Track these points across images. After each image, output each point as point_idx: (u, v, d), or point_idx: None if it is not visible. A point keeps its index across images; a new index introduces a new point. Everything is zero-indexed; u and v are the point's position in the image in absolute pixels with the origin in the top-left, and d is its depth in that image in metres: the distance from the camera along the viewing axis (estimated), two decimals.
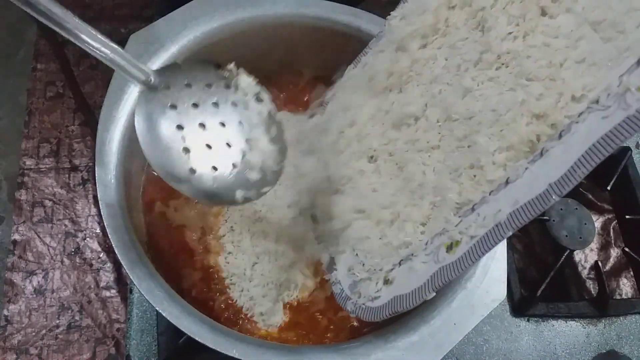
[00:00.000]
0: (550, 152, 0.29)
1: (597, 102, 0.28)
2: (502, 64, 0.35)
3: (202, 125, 0.35)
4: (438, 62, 0.39)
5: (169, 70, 0.35)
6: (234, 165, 0.35)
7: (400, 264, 0.37)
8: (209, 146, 0.35)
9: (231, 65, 0.37)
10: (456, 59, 0.38)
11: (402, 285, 0.35)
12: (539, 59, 0.32)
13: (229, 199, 0.35)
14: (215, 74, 0.36)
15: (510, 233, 0.30)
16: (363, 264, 0.39)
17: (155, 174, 0.54)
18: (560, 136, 0.29)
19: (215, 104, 0.36)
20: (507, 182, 0.32)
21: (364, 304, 0.37)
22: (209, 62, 0.37)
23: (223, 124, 0.36)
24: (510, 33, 0.34)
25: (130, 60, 0.34)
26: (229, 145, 0.36)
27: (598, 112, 0.27)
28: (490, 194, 0.33)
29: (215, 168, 0.35)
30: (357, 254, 0.40)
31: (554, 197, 0.28)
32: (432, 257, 0.34)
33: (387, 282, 0.37)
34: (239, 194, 0.36)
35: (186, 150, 0.34)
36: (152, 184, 0.54)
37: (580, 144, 0.27)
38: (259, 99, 0.38)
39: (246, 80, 0.38)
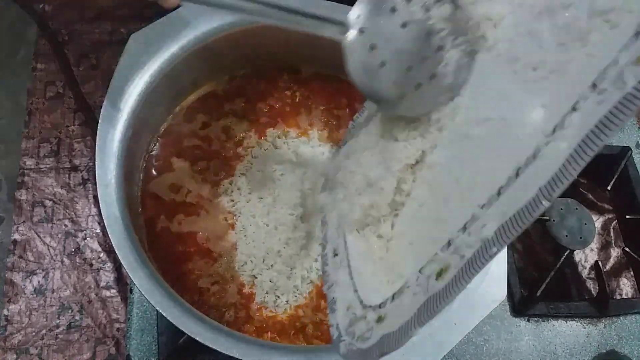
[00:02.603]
0: (544, 153, 0.26)
1: (594, 86, 0.25)
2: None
3: (401, 53, 0.36)
4: None
5: (358, 10, 0.37)
6: (432, 77, 0.36)
7: (393, 298, 0.34)
8: (409, 68, 0.36)
9: None
10: None
11: (392, 322, 0.32)
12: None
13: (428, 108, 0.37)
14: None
15: (498, 251, 0.27)
16: (361, 301, 0.37)
17: (151, 190, 0.54)
18: (554, 131, 0.26)
19: (404, 25, 0.36)
20: (499, 193, 0.28)
21: (354, 346, 0.35)
22: None
23: (417, 42, 0.36)
24: None
25: (321, 18, 0.37)
26: (424, 59, 0.36)
27: (594, 98, 0.25)
28: (482, 208, 0.29)
29: (418, 86, 0.36)
30: (356, 290, 0.38)
31: (543, 202, 0.25)
32: (423, 287, 0.31)
33: (379, 319, 0.34)
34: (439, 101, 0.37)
35: (391, 80, 0.36)
36: (152, 198, 0.54)
37: (573, 136, 0.25)
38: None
39: None
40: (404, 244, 0.37)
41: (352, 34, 0.36)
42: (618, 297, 0.67)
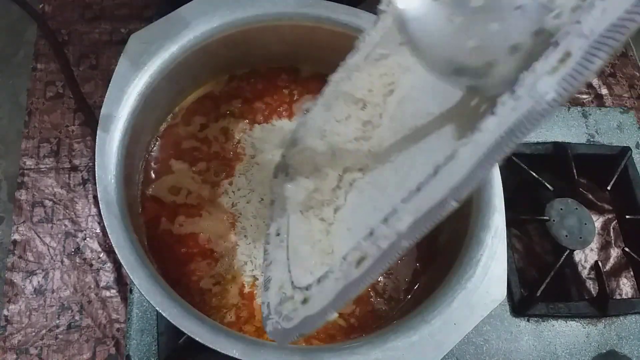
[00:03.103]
0: (459, 153, 0.26)
1: (512, 92, 0.25)
2: None
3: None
4: None
5: None
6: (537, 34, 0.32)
7: (319, 281, 0.34)
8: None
9: None
10: None
11: (314, 305, 0.33)
12: None
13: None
14: None
15: (409, 245, 0.28)
16: (292, 282, 0.37)
17: (151, 193, 0.54)
18: (473, 132, 0.26)
19: None
20: (418, 189, 0.28)
21: (280, 325, 0.36)
22: None
23: None
24: None
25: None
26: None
27: (510, 104, 0.24)
28: (403, 202, 0.29)
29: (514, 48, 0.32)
30: (289, 270, 0.38)
31: (452, 203, 0.26)
32: (344, 273, 0.32)
33: (304, 301, 0.34)
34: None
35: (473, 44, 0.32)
36: (153, 201, 0.54)
37: (487, 140, 0.25)
38: None
39: None
40: (343, 229, 0.38)
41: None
42: (618, 297, 0.67)
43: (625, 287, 0.68)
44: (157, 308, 0.40)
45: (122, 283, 0.64)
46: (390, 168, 0.36)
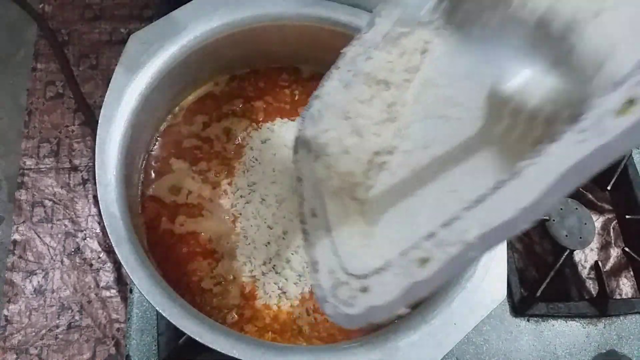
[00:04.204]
0: (524, 173, 0.26)
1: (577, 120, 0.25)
2: None
3: None
4: None
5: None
6: None
7: (377, 272, 0.34)
8: None
9: None
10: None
11: (377, 296, 0.33)
12: None
13: None
14: None
15: (479, 255, 0.27)
16: (342, 267, 0.37)
17: (151, 192, 0.54)
18: (538, 153, 0.26)
19: None
20: (478, 201, 0.28)
21: (340, 309, 0.36)
22: None
23: None
24: None
25: None
26: None
27: (574, 135, 0.24)
28: (464, 210, 0.29)
29: None
30: (337, 255, 0.38)
31: (523, 226, 0.25)
32: (406, 270, 0.31)
33: (364, 289, 0.34)
34: None
35: None
36: (153, 201, 0.54)
37: (555, 166, 0.25)
38: None
39: None
40: (382, 215, 0.37)
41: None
42: (618, 297, 0.67)
43: (625, 287, 0.68)
44: (157, 308, 0.40)
45: (122, 283, 0.64)
46: (423, 154, 0.35)
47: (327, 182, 0.41)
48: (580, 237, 0.64)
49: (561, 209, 0.66)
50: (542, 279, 0.62)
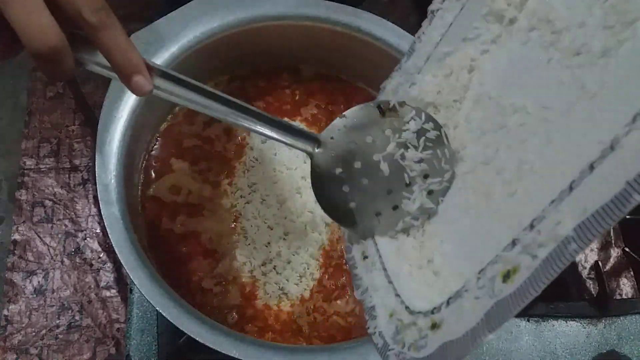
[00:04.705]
0: (623, 143, 0.23)
1: None
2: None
3: (367, 183, 0.36)
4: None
5: (333, 131, 0.36)
6: (394, 208, 0.36)
7: (449, 302, 0.31)
8: (372, 199, 0.36)
9: (394, 102, 0.36)
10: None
11: (452, 329, 0.29)
12: None
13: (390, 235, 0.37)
14: (377, 120, 0.36)
15: (579, 250, 0.24)
16: (406, 307, 0.34)
17: (151, 192, 0.55)
18: (634, 120, 0.23)
19: (377, 162, 0.36)
20: (570, 188, 0.25)
21: (407, 355, 0.32)
22: (373, 106, 0.36)
23: (385, 175, 0.36)
24: None
25: (298, 132, 0.37)
26: (390, 192, 0.36)
27: None
28: (551, 204, 0.26)
29: (378, 214, 0.36)
30: (398, 295, 0.35)
31: (635, 196, 0.22)
32: (487, 290, 0.28)
33: (434, 326, 0.31)
34: (399, 228, 0.36)
35: (352, 205, 0.36)
36: (153, 201, 0.54)
37: None
38: (422, 134, 0.36)
39: (410, 115, 0.36)
40: (440, 243, 0.35)
41: (321, 152, 0.36)
42: (618, 297, 0.67)
43: (625, 287, 0.68)
44: (157, 308, 0.40)
45: (122, 283, 0.64)
46: (485, 170, 0.33)
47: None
48: None
49: None
50: None
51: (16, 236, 0.66)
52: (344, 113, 0.37)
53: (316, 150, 0.36)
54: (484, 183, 0.33)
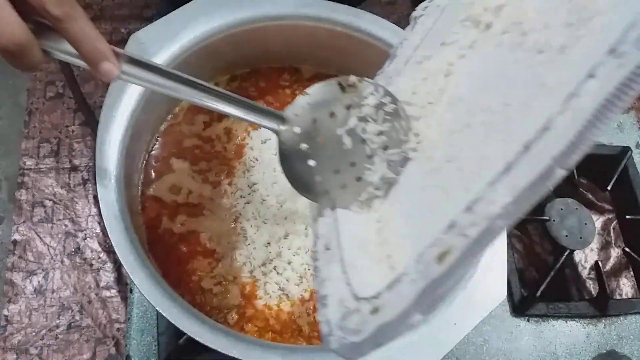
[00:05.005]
0: (556, 122, 0.25)
1: (614, 51, 0.24)
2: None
3: (331, 156, 0.38)
4: None
5: (297, 108, 0.38)
6: (358, 179, 0.38)
7: (390, 287, 0.32)
8: (337, 171, 0.38)
9: (353, 79, 0.38)
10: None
11: (388, 312, 0.30)
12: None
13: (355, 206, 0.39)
14: (338, 96, 0.38)
15: (505, 226, 0.26)
16: (354, 294, 0.35)
17: (151, 192, 0.54)
18: (567, 99, 0.25)
19: (340, 136, 0.38)
20: (507, 169, 0.27)
21: (347, 340, 0.33)
22: (334, 83, 0.38)
23: (348, 148, 0.38)
24: None
25: (263, 111, 0.37)
26: (353, 164, 0.38)
27: (612, 61, 0.23)
28: (490, 186, 0.28)
29: (343, 186, 0.38)
30: (349, 283, 0.36)
31: (558, 171, 0.24)
32: (422, 273, 0.29)
33: (374, 310, 0.32)
34: (362, 198, 0.38)
35: (318, 179, 0.38)
36: (153, 200, 0.54)
37: (591, 101, 0.24)
38: (381, 106, 0.38)
39: (368, 90, 0.38)
40: (397, 231, 0.36)
41: (286, 129, 0.37)
42: (618, 297, 0.67)
43: (625, 287, 0.68)
44: (157, 308, 0.40)
45: (122, 283, 0.64)
46: (448, 168, 0.34)
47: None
48: (581, 237, 0.64)
49: (561, 209, 0.65)
50: (542, 279, 0.62)
51: (16, 236, 0.66)
52: (306, 90, 0.38)
53: (281, 128, 0.37)
54: (446, 179, 0.34)
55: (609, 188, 0.71)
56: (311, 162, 0.38)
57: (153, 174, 0.56)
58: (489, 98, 0.34)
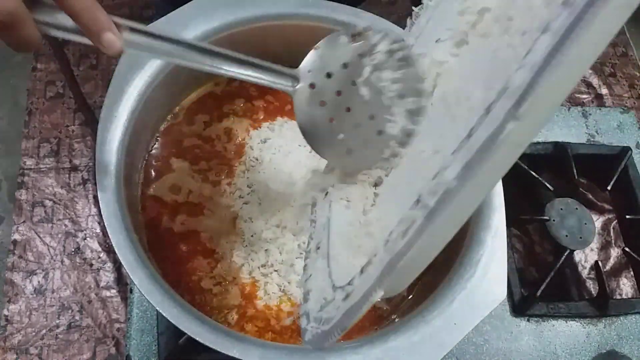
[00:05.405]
0: (514, 79, 0.25)
1: (565, 3, 0.24)
2: None
3: (351, 110, 0.37)
4: None
5: (309, 64, 0.37)
6: (379, 133, 0.37)
7: (362, 271, 0.32)
8: (357, 125, 0.37)
9: (360, 27, 0.37)
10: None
11: (356, 294, 0.30)
12: None
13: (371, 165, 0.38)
14: (348, 46, 0.37)
15: (458, 188, 0.26)
16: (333, 285, 0.36)
17: (151, 192, 0.54)
18: (525, 57, 0.25)
19: (354, 83, 0.37)
20: (469, 135, 0.27)
21: (319, 329, 0.33)
22: (342, 33, 0.37)
23: (366, 100, 0.37)
24: None
25: (276, 71, 0.37)
26: (372, 117, 0.37)
27: (564, 13, 0.23)
28: (452, 154, 0.28)
29: (366, 141, 0.37)
30: (330, 275, 0.37)
31: (508, 125, 0.24)
32: (389, 251, 0.29)
33: (346, 297, 0.32)
34: (386, 155, 0.37)
35: (340, 137, 0.38)
36: (153, 200, 0.54)
37: (540, 55, 0.24)
38: (392, 52, 0.37)
39: (377, 37, 0.37)
40: (380, 220, 0.37)
41: (302, 87, 0.37)
42: (618, 297, 0.67)
43: (625, 287, 0.68)
44: (157, 308, 0.40)
45: (122, 283, 0.64)
46: (434, 160, 0.35)
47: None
48: (580, 237, 0.64)
49: (561, 209, 0.65)
50: (542, 279, 0.62)
51: (16, 236, 0.66)
52: (316, 45, 0.37)
53: (296, 87, 0.37)
54: (425, 164, 0.34)
55: (609, 188, 0.71)
56: (331, 120, 0.37)
57: (153, 173, 0.56)
58: (472, 89, 0.34)
